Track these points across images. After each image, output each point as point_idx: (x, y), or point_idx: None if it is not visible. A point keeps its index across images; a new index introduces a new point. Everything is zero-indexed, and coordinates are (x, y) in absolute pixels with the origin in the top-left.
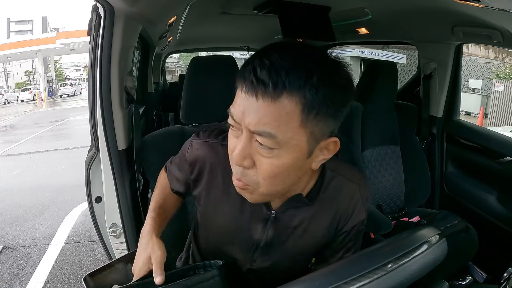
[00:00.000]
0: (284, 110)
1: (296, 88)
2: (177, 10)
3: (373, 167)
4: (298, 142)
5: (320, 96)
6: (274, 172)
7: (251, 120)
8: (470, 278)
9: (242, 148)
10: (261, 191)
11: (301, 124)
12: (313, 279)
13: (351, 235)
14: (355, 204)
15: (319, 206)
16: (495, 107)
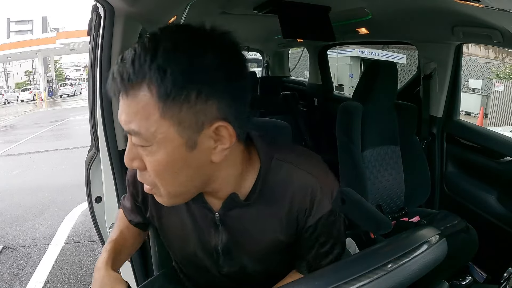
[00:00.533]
0: (140, 103)
1: (141, 77)
2: (177, 10)
3: (373, 167)
4: (166, 135)
5: (170, 79)
6: (157, 170)
7: (121, 116)
8: (470, 278)
9: (128, 149)
10: (165, 192)
11: (161, 115)
12: (313, 279)
13: (319, 229)
14: (312, 195)
15: (267, 202)
16: (495, 107)
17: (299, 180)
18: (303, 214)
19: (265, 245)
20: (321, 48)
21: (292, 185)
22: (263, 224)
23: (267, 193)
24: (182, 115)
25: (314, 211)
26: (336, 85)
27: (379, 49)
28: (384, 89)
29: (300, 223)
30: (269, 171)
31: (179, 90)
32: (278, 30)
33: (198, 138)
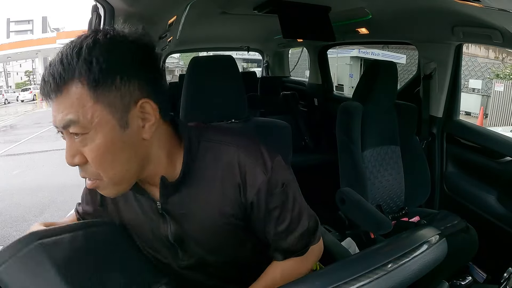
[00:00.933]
0: (74, 96)
1: (72, 72)
2: (177, 10)
3: (373, 167)
4: (100, 118)
5: (95, 67)
6: (97, 155)
7: (56, 118)
8: (470, 278)
9: (67, 147)
10: (108, 182)
11: (95, 101)
12: (313, 279)
13: (263, 203)
14: (241, 168)
15: (200, 183)
16: (495, 107)
17: (227, 156)
18: (239, 190)
19: (212, 230)
20: (321, 48)
21: (220, 163)
22: (202, 208)
23: (198, 175)
24: (111, 98)
25: (249, 185)
26: (336, 85)
27: (379, 49)
28: (384, 89)
29: (241, 200)
30: (197, 153)
31: (105, 76)
32: (278, 30)
33: (128, 117)
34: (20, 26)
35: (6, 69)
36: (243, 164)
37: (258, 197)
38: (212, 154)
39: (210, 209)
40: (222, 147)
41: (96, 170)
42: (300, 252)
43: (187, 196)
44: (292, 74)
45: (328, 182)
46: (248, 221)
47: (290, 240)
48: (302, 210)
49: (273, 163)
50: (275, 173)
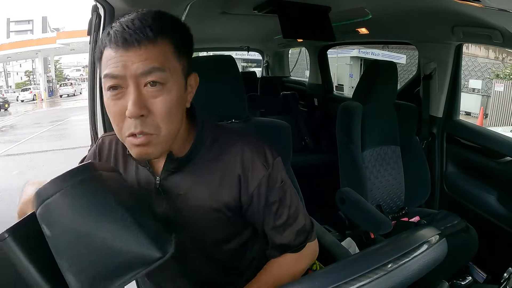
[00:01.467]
0: (163, 49)
1: (166, 31)
2: (177, 10)
3: (373, 167)
4: (177, 75)
5: (181, 38)
6: (169, 108)
7: (139, 64)
8: (470, 278)
9: (136, 97)
10: (163, 137)
11: (177, 60)
12: (313, 279)
13: (263, 196)
14: (245, 161)
15: (203, 169)
16: (495, 107)
17: (232, 150)
18: (239, 182)
19: (201, 216)
20: (321, 48)
21: (225, 155)
22: (199, 193)
23: (201, 162)
24: (183, 62)
25: (250, 178)
26: (336, 85)
27: (379, 49)
28: (384, 89)
29: (240, 193)
30: (205, 141)
31: (186, 46)
32: (278, 30)
33: (186, 83)
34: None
35: (6, 69)
36: (247, 158)
37: (259, 190)
38: (218, 146)
39: (205, 195)
40: (229, 141)
41: (160, 122)
42: (297, 247)
43: (187, 178)
44: (291, 74)
45: (328, 182)
46: (243, 214)
47: (287, 234)
48: (298, 210)
49: (274, 161)
50: (276, 170)
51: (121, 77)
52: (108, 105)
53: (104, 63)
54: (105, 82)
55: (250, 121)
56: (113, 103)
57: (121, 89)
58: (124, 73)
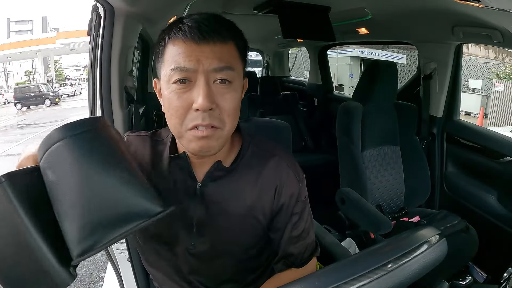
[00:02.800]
0: (232, 50)
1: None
2: (177, 10)
3: (373, 167)
4: (241, 76)
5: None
6: (235, 105)
7: (212, 60)
8: (470, 278)
9: (206, 92)
10: (226, 131)
11: (241, 61)
12: (313, 279)
13: (291, 207)
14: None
15: (244, 179)
16: (495, 107)
17: (270, 162)
18: (275, 192)
19: (239, 222)
20: (321, 48)
21: (263, 167)
22: (237, 202)
23: (243, 171)
24: (244, 65)
25: (284, 189)
26: (336, 85)
27: (379, 49)
28: (384, 89)
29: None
30: (246, 152)
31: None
32: (278, 30)
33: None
34: (20, 26)
35: (6, 69)
36: (284, 171)
37: (290, 201)
38: (258, 157)
39: (244, 205)
40: (267, 154)
41: (226, 118)
42: (305, 261)
43: (228, 187)
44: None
45: (328, 182)
46: (271, 221)
47: (299, 246)
48: (311, 225)
49: (302, 176)
50: (303, 185)
51: (193, 70)
52: (171, 98)
53: (172, 56)
54: (172, 75)
55: (250, 121)
56: (178, 96)
57: (189, 83)
58: (196, 67)
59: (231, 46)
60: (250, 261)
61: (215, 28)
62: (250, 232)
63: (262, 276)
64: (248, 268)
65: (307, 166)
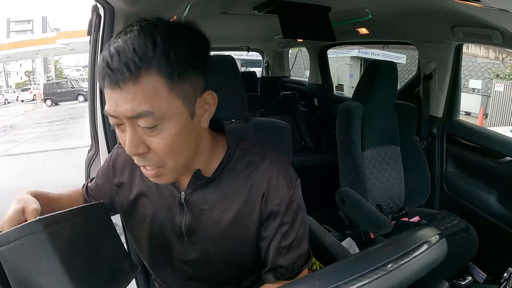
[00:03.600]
0: (149, 87)
1: (148, 63)
2: (177, 10)
3: (373, 167)
4: (175, 109)
5: (174, 59)
6: (169, 145)
7: (125, 107)
8: (470, 278)
9: (131, 137)
10: (170, 168)
11: (170, 92)
12: (313, 279)
13: (280, 216)
14: (270, 180)
15: (230, 185)
16: (495, 107)
17: (258, 167)
18: (261, 198)
19: (226, 230)
20: (321, 48)
21: (251, 172)
22: (223, 207)
23: (229, 177)
24: (185, 89)
25: (273, 196)
26: (336, 85)
27: (379, 49)
28: (384, 89)
29: (261, 208)
30: (233, 157)
31: (182, 68)
32: (278, 30)
33: (195, 107)
34: (20, 26)
35: (6, 69)
36: (274, 176)
37: (278, 209)
38: (245, 162)
39: (231, 211)
40: (256, 158)
41: (163, 157)
42: (295, 273)
43: (213, 194)
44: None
45: (328, 182)
46: (260, 227)
47: (289, 257)
48: (304, 235)
49: (296, 182)
50: (296, 192)
51: (116, 116)
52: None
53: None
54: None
55: (250, 121)
56: (119, 134)
57: (122, 125)
58: (117, 114)
59: (148, 80)
60: (247, 265)
61: (118, 66)
62: (241, 240)
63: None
64: (246, 271)
65: (307, 166)
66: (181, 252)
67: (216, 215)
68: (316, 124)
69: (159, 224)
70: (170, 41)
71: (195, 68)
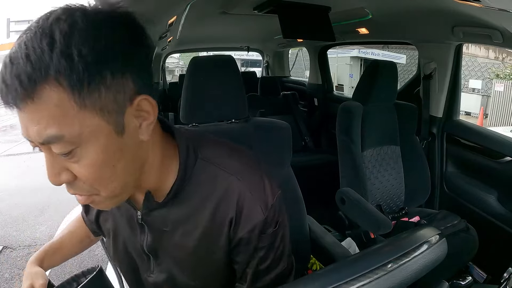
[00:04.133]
0: (52, 102)
1: (44, 71)
2: (177, 10)
3: (373, 167)
4: (92, 127)
5: (77, 64)
6: (94, 172)
7: (33, 132)
8: (470, 278)
9: (50, 165)
10: (105, 194)
11: (80, 107)
12: (313, 279)
13: (253, 243)
14: (239, 203)
15: (191, 204)
16: (495, 107)
17: (225, 185)
18: (229, 224)
19: (191, 254)
20: (321, 48)
21: (216, 191)
22: (185, 229)
23: (189, 196)
24: (103, 100)
25: (243, 222)
26: (336, 85)
27: (379, 49)
28: (384, 89)
29: (229, 234)
30: (192, 171)
31: (92, 73)
32: (278, 30)
33: (123, 120)
34: (20, 26)
35: None
36: (243, 199)
37: (250, 236)
38: (209, 177)
39: (193, 235)
40: (222, 173)
41: (93, 184)
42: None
43: (173, 215)
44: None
45: (328, 182)
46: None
47: (268, 278)
48: (284, 251)
49: (274, 201)
50: (273, 212)
51: (32, 140)
52: None
53: None
54: None
55: (250, 121)
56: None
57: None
58: (30, 138)
59: (51, 93)
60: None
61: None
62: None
63: None
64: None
65: (307, 166)
66: (148, 272)
67: (178, 238)
68: (316, 124)
69: (122, 241)
70: (74, 37)
71: (116, 70)
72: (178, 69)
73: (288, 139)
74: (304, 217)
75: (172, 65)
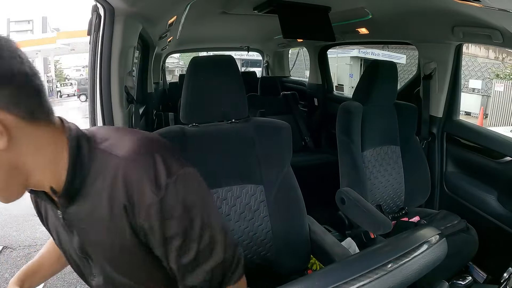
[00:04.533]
0: None
1: None
2: (177, 10)
3: (373, 167)
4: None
5: None
6: None
7: None
8: (470, 278)
9: None
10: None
11: None
12: (313, 279)
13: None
14: (127, 184)
15: (91, 197)
16: (495, 107)
17: (114, 170)
18: (125, 212)
19: (111, 251)
20: (321, 48)
21: (107, 179)
22: (96, 225)
23: (87, 187)
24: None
25: (137, 207)
26: (336, 85)
27: (379, 49)
28: (384, 89)
29: (131, 224)
30: (84, 161)
31: None
32: (278, 30)
33: None
34: (20, 26)
35: None
36: (129, 180)
37: (150, 222)
38: (98, 164)
39: (102, 231)
40: (112, 158)
41: None
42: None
43: (82, 210)
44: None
45: (328, 182)
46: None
47: (199, 274)
48: (216, 239)
49: (169, 179)
50: (172, 193)
51: None
52: None
53: None
54: None
55: (250, 121)
56: None
57: None
58: None
59: None
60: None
61: None
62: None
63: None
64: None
65: (307, 166)
66: (91, 276)
67: (94, 235)
68: (316, 124)
69: (65, 245)
70: None
71: None
72: (178, 69)
73: (288, 139)
74: (304, 217)
75: (172, 65)
